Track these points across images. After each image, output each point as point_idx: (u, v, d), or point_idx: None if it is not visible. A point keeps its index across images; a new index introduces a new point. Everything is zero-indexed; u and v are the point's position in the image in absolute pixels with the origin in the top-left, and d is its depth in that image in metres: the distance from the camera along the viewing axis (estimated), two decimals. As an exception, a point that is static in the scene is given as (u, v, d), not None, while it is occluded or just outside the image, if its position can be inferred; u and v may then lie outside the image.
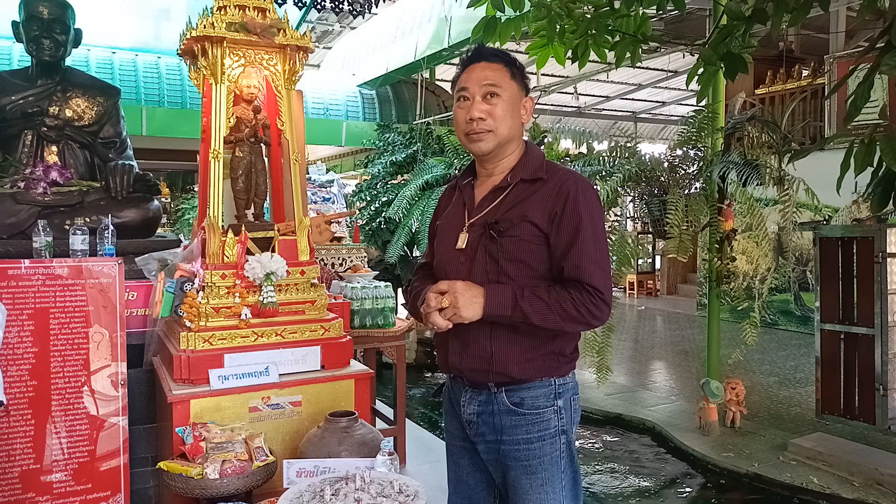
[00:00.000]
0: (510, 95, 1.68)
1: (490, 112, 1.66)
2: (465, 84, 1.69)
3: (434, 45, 8.01)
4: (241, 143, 2.58)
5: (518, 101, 1.71)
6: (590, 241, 1.60)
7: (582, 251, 1.59)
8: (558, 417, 1.67)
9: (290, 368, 2.39)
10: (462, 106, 1.70)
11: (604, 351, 4.72)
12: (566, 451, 1.68)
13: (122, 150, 3.41)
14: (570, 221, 1.60)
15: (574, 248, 1.59)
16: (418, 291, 1.75)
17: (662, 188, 4.70)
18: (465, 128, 1.69)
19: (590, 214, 1.63)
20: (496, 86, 1.67)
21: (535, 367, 1.65)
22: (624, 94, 14.24)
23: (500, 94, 1.67)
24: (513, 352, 1.63)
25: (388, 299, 3.64)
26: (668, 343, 8.52)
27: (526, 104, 1.73)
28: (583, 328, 1.65)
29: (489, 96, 1.66)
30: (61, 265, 2.40)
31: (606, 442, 5.19)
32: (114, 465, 2.41)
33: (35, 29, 3.13)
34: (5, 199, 2.87)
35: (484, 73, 1.67)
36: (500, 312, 1.55)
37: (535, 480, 1.65)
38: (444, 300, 1.55)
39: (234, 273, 2.37)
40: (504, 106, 1.67)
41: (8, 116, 3.14)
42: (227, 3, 2.43)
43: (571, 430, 1.71)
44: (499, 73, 1.68)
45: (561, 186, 1.65)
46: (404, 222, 6.71)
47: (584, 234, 1.60)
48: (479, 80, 1.67)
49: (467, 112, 1.67)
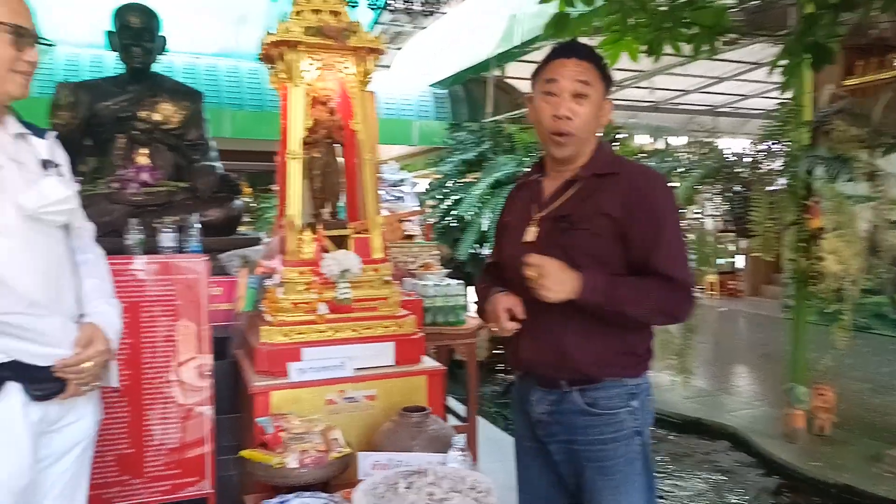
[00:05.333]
0: (596, 97, 1.65)
1: (577, 112, 1.62)
2: (556, 77, 1.63)
3: (504, 42, 7.98)
4: (318, 144, 2.65)
5: (601, 104, 1.67)
6: (673, 236, 1.59)
7: (668, 245, 1.57)
8: (633, 418, 1.64)
9: (365, 363, 2.44)
10: (549, 101, 1.64)
11: (684, 353, 4.58)
12: (641, 453, 1.65)
13: (206, 152, 3.58)
14: (650, 215, 1.57)
15: (659, 243, 1.56)
16: (485, 292, 1.75)
17: (744, 185, 4.52)
18: (551, 125, 1.64)
19: (669, 208, 1.61)
20: (588, 84, 1.63)
21: (610, 366, 1.62)
22: (702, 88, 13.74)
23: (589, 95, 1.63)
24: (587, 349, 1.61)
25: (460, 297, 3.66)
26: (750, 346, 8.19)
27: (606, 106, 1.70)
28: (669, 322, 1.64)
29: (579, 96, 1.62)
30: (151, 262, 2.53)
31: (685, 446, 5.03)
32: (200, 452, 2.52)
33: (126, 38, 3.32)
34: (100, 199, 3.06)
35: (577, 70, 1.63)
36: (594, 298, 1.52)
37: (610, 482, 1.62)
38: (532, 272, 1.52)
39: (310, 269, 2.44)
40: (591, 108, 1.63)
41: (102, 121, 3.34)
42: (304, 8, 2.50)
43: (646, 432, 1.68)
44: (590, 72, 1.64)
45: (635, 180, 1.62)
46: (474, 220, 6.72)
47: (667, 228, 1.58)
48: (572, 76, 1.62)
49: (555, 108, 1.63)
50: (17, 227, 1.46)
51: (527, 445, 1.78)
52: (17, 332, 1.40)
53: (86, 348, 1.50)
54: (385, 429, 2.15)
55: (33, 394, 1.45)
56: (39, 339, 1.43)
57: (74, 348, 1.48)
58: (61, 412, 1.54)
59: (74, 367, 1.48)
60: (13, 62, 1.45)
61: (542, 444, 1.72)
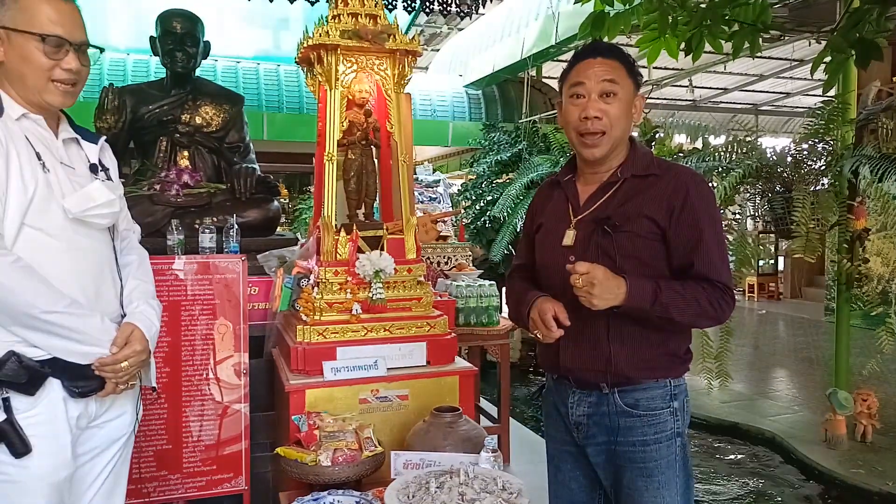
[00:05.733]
0: (626, 94, 1.63)
1: (606, 112, 1.60)
2: (581, 79, 1.62)
3: (541, 42, 7.94)
4: (353, 146, 2.68)
5: (631, 100, 1.65)
6: (714, 239, 1.58)
7: (710, 248, 1.57)
8: (674, 419, 1.63)
9: (398, 363, 2.46)
10: (576, 103, 1.63)
11: (722, 356, 4.50)
12: (681, 454, 1.64)
13: (245, 154, 3.64)
14: (693, 217, 1.56)
15: (702, 245, 1.56)
16: (521, 296, 1.73)
17: (786, 184, 4.42)
18: (579, 126, 1.63)
19: (711, 210, 1.60)
20: (615, 83, 1.61)
21: (652, 368, 1.62)
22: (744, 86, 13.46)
23: (617, 93, 1.61)
24: (630, 352, 1.60)
25: (493, 298, 3.66)
26: (791, 350, 7.99)
27: (637, 103, 1.68)
28: (711, 324, 1.64)
29: (606, 95, 1.61)
30: (191, 261, 2.59)
31: (723, 450, 4.95)
32: (236, 448, 2.58)
33: (169, 43, 3.40)
34: (143, 200, 3.13)
35: (602, 69, 1.61)
36: (640, 305, 1.52)
37: (651, 483, 1.61)
38: (579, 281, 1.50)
39: (345, 270, 2.47)
40: (620, 106, 1.62)
41: (146, 124, 3.42)
42: (341, 11, 2.53)
43: (685, 433, 1.67)
44: (617, 70, 1.62)
45: (678, 182, 1.60)
46: (509, 221, 6.70)
47: (709, 231, 1.57)
48: (598, 76, 1.61)
49: (582, 110, 1.61)
50: (63, 229, 1.51)
51: (560, 449, 1.78)
52: (58, 331, 1.44)
53: (123, 348, 1.54)
54: (417, 428, 2.17)
55: (73, 390, 1.50)
56: (79, 338, 1.47)
57: (112, 348, 1.53)
58: (101, 409, 1.59)
59: (112, 366, 1.52)
60: (49, 71, 1.49)
61: (578, 446, 1.72)
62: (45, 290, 1.43)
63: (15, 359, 1.42)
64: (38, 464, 1.45)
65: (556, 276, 1.62)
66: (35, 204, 1.46)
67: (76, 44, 1.51)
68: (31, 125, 1.53)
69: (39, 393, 1.46)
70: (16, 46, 1.48)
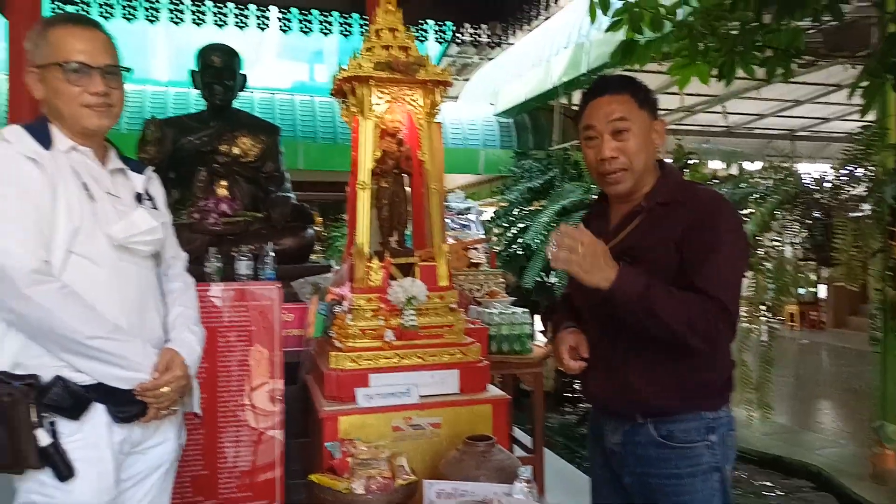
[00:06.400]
0: (640, 127, 1.61)
1: (622, 149, 1.59)
2: (591, 122, 1.62)
3: (571, 70, 7.99)
4: (386, 174, 2.72)
5: (649, 130, 1.63)
6: (725, 259, 1.51)
7: (716, 265, 1.51)
8: (711, 453, 1.58)
9: (430, 390, 2.45)
10: (591, 145, 1.63)
11: (763, 386, 4.38)
12: (720, 490, 1.58)
13: (281, 183, 3.72)
14: (706, 234, 1.52)
15: (708, 261, 1.50)
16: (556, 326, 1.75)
17: (825, 211, 4.33)
18: (598, 167, 1.63)
19: (729, 232, 1.54)
20: (624, 120, 1.59)
21: (683, 400, 1.58)
22: (779, 112, 13.29)
23: (629, 129, 1.59)
24: (653, 381, 1.57)
25: (526, 325, 3.64)
26: (835, 380, 7.75)
27: (657, 127, 1.65)
28: (702, 344, 1.50)
29: (618, 133, 1.59)
30: (228, 288, 2.63)
31: (765, 486, 4.79)
32: (271, 475, 2.58)
33: (208, 77, 3.51)
34: (183, 229, 3.20)
35: (610, 108, 1.60)
36: (630, 291, 1.46)
37: None
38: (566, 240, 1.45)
39: (378, 297, 2.49)
40: (635, 140, 1.60)
41: (186, 155, 3.52)
42: (374, 44, 2.59)
43: (726, 468, 1.61)
44: (625, 105, 1.60)
45: (700, 205, 1.58)
46: (541, 248, 6.68)
47: (722, 251, 1.51)
48: (606, 116, 1.60)
49: (597, 151, 1.61)
50: (108, 256, 1.55)
51: (601, 476, 1.76)
52: (102, 356, 1.48)
53: (164, 373, 1.56)
54: (450, 457, 2.15)
55: (117, 415, 1.53)
56: (122, 364, 1.51)
57: (153, 373, 1.55)
58: (145, 435, 1.62)
59: (153, 392, 1.55)
60: (78, 97, 1.54)
61: (616, 475, 1.69)
62: (90, 316, 1.47)
63: (61, 384, 1.46)
64: (81, 488, 1.47)
65: (586, 304, 1.62)
66: (81, 232, 1.51)
67: (100, 67, 1.56)
68: (79, 157, 1.59)
69: (84, 417, 1.49)
70: (49, 81, 1.55)
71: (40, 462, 1.43)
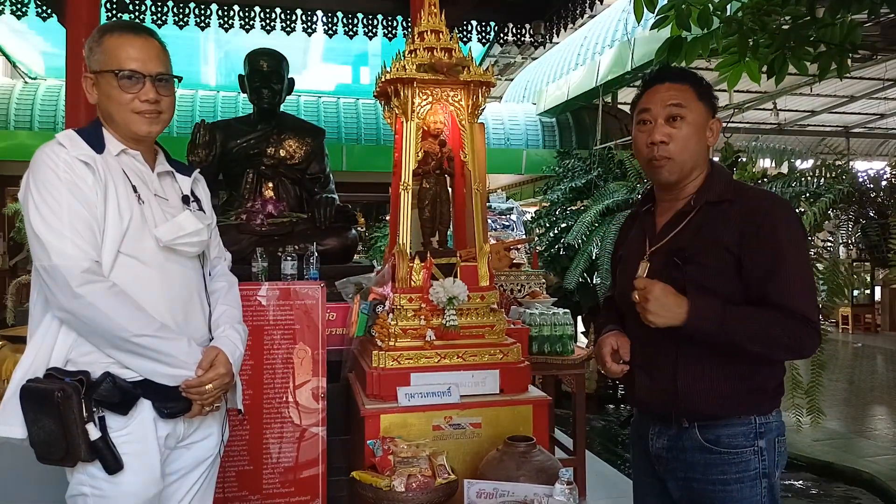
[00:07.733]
0: (696, 118, 1.59)
1: (672, 135, 1.57)
2: (647, 105, 1.62)
3: (616, 68, 7.89)
4: (428, 175, 2.74)
5: (704, 124, 1.61)
6: (795, 265, 1.48)
7: (788, 275, 1.47)
8: (759, 459, 1.54)
9: (471, 390, 2.46)
10: (643, 129, 1.63)
11: (813, 391, 4.25)
12: (768, 497, 1.54)
13: (325, 185, 3.77)
14: (769, 243, 1.48)
15: (779, 273, 1.47)
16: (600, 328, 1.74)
17: (881, 210, 4.18)
18: (647, 153, 1.62)
19: (791, 235, 1.50)
20: (681, 106, 1.58)
21: (731, 404, 1.54)
22: (832, 108, 12.88)
23: (684, 117, 1.58)
24: (702, 387, 1.54)
25: (567, 326, 3.61)
26: (890, 386, 7.47)
27: (713, 126, 1.63)
28: (792, 357, 1.53)
29: (673, 119, 1.58)
30: (273, 288, 2.69)
31: (815, 494, 4.65)
32: (314, 472, 2.63)
33: (256, 81, 3.59)
34: (231, 229, 3.29)
35: (669, 94, 1.59)
36: (705, 326, 1.46)
37: None
38: (636, 295, 1.49)
39: (419, 297, 2.51)
40: (688, 129, 1.58)
41: (234, 157, 3.61)
42: (417, 46, 2.61)
43: (775, 475, 1.56)
44: (685, 93, 1.59)
45: (753, 206, 1.53)
46: (583, 249, 6.61)
47: (789, 257, 1.47)
48: (664, 100, 1.59)
49: (648, 136, 1.60)
50: (155, 257, 1.60)
51: (645, 481, 1.73)
52: (148, 353, 1.52)
53: (207, 371, 1.60)
54: (491, 457, 2.15)
55: (162, 411, 1.57)
56: (168, 361, 1.55)
57: (197, 370, 1.59)
58: (189, 430, 1.66)
59: (197, 388, 1.59)
60: (129, 104, 1.60)
61: (660, 480, 1.66)
62: (138, 315, 1.52)
63: (110, 380, 1.51)
64: (129, 480, 1.52)
65: (631, 307, 1.59)
66: (130, 233, 1.56)
67: (152, 75, 1.61)
68: (129, 160, 1.64)
69: (132, 412, 1.54)
70: (102, 87, 1.61)
71: (91, 455, 1.48)
